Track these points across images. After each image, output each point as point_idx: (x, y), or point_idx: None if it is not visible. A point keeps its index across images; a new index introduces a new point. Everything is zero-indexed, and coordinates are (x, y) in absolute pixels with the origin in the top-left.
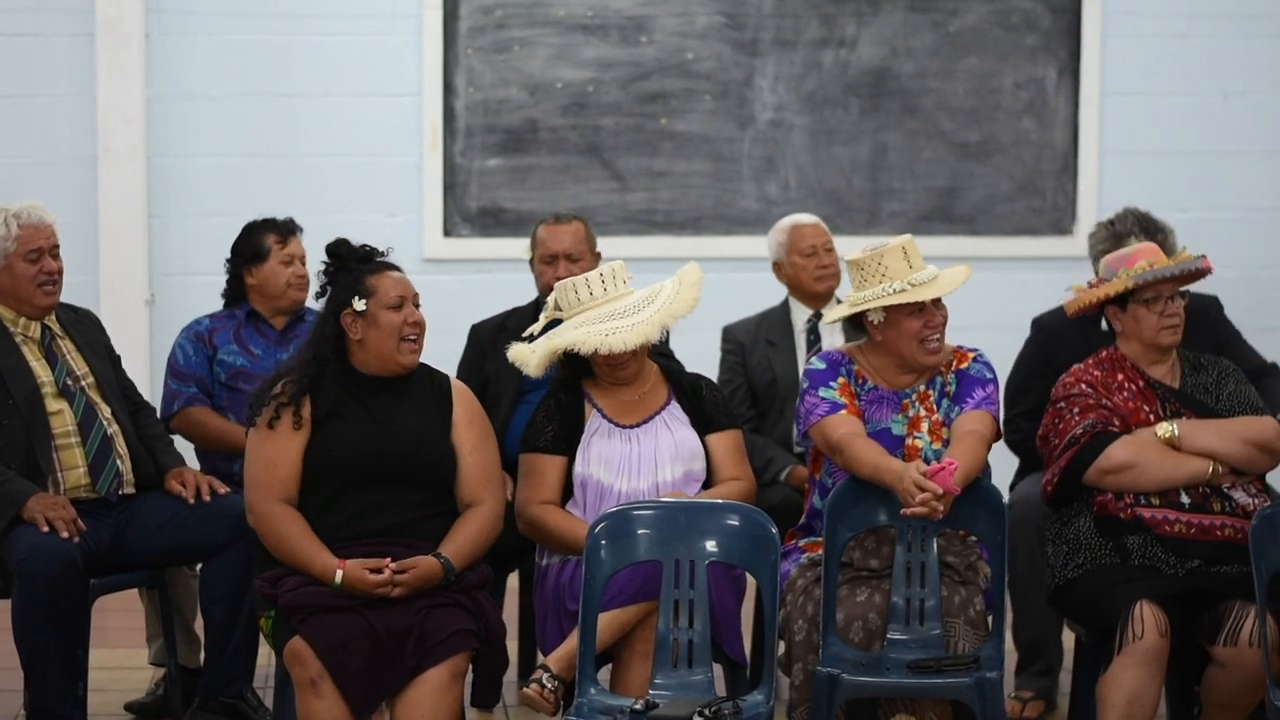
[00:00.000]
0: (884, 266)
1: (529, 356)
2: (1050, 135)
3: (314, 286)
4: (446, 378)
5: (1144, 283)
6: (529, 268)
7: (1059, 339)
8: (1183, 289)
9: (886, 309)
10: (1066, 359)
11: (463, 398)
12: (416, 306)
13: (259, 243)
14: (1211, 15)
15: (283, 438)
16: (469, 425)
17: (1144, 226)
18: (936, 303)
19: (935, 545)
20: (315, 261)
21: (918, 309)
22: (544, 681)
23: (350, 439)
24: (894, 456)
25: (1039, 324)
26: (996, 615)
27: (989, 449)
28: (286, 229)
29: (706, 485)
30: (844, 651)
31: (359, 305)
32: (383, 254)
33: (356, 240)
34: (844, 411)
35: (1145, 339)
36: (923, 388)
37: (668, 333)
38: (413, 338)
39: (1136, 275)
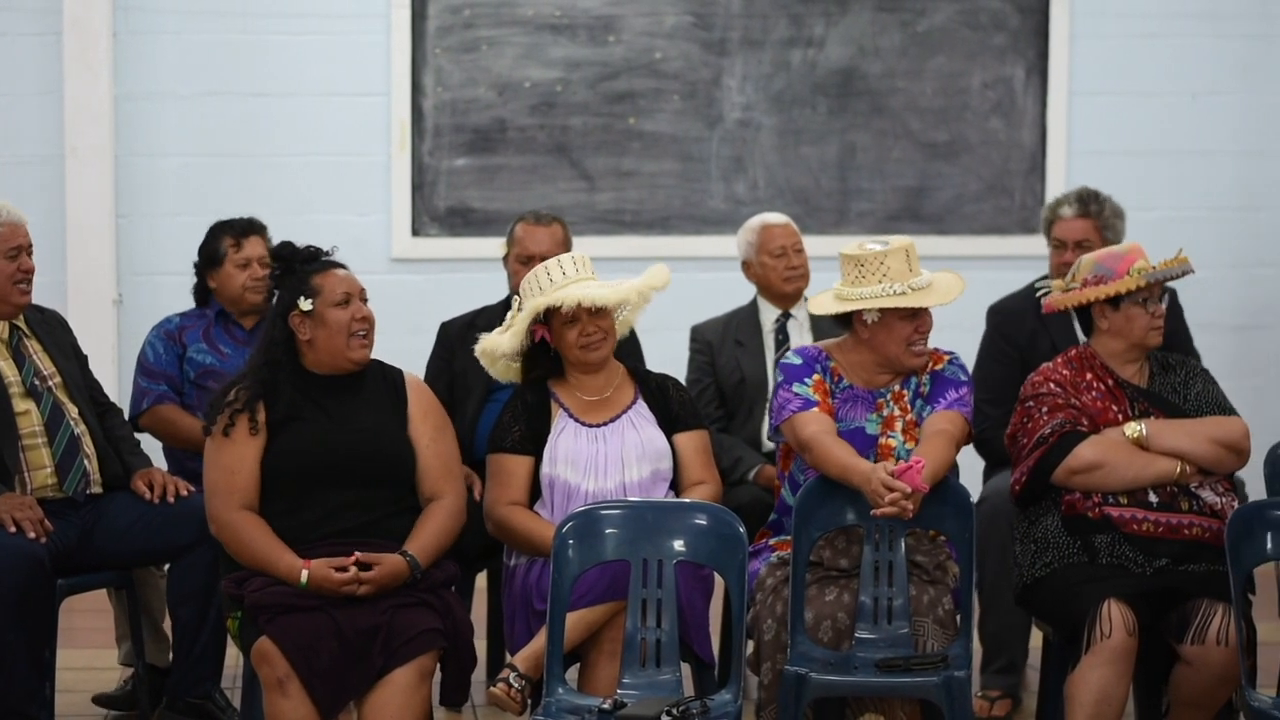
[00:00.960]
0: (886, 266)
1: (498, 341)
2: (1018, 135)
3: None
4: (399, 372)
5: (1152, 282)
6: (501, 264)
7: (1015, 318)
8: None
9: (881, 309)
10: (1025, 338)
11: (417, 391)
12: (364, 302)
13: (215, 247)
14: (1179, 15)
15: (238, 445)
16: (425, 419)
17: (1081, 197)
18: (927, 309)
19: (903, 544)
20: None
21: (911, 313)
22: (511, 681)
23: (308, 441)
24: (864, 457)
25: (994, 310)
26: (964, 614)
27: (958, 449)
28: (242, 231)
29: (674, 485)
30: (812, 650)
31: (305, 305)
32: (328, 253)
33: (324, 240)
34: (815, 409)
35: (1135, 338)
36: (897, 387)
37: (634, 336)
38: (362, 333)
39: (1148, 275)
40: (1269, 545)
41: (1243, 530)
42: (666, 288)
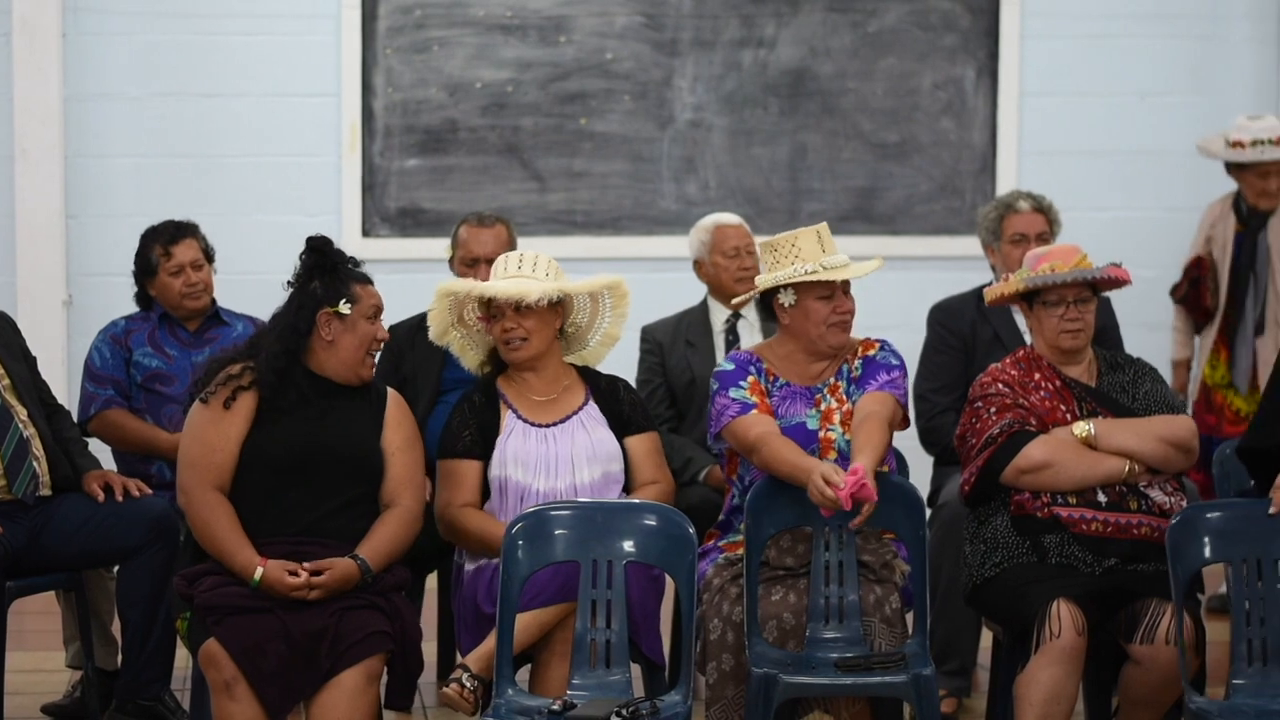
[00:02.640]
0: (797, 248)
1: (453, 287)
2: (969, 135)
3: (223, 281)
4: (385, 388)
5: (1034, 286)
6: (448, 267)
7: (955, 312)
8: (1100, 294)
9: (797, 292)
10: (967, 327)
11: (396, 404)
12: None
13: (147, 256)
14: (1129, 16)
15: (229, 424)
16: (397, 428)
17: (1029, 194)
18: (846, 291)
19: (854, 543)
20: (230, 261)
21: (827, 294)
22: (464, 681)
23: (289, 436)
24: (810, 454)
25: (935, 308)
26: (918, 612)
27: (892, 430)
28: (170, 238)
29: (625, 487)
30: (769, 651)
31: (344, 308)
32: (361, 265)
33: (273, 241)
34: (755, 411)
35: (1046, 340)
36: (833, 380)
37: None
38: (377, 352)
39: (1028, 278)
40: (1207, 550)
41: (1184, 533)
42: (588, 291)
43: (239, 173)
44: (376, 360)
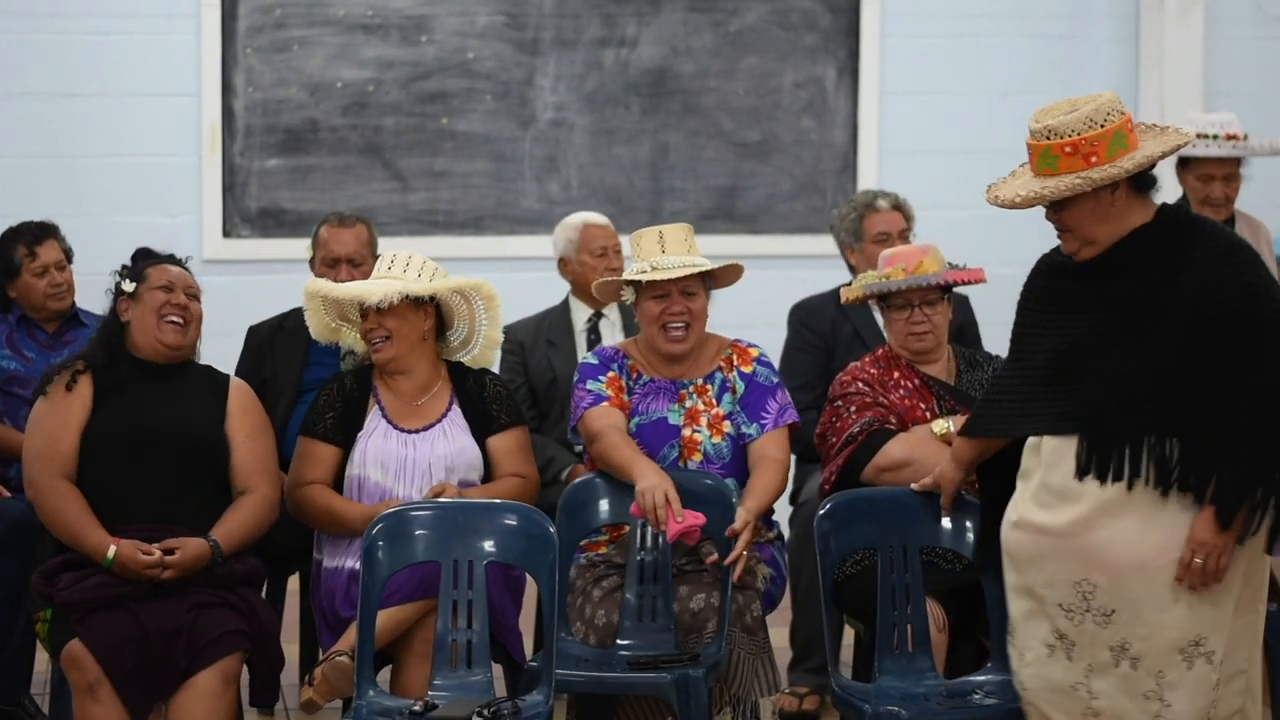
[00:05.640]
0: (640, 247)
1: (319, 289)
2: (830, 134)
3: (82, 283)
4: (227, 376)
5: (872, 294)
6: (308, 267)
7: (815, 311)
8: (954, 292)
9: (636, 291)
10: (827, 325)
11: (240, 391)
12: (193, 299)
13: (9, 256)
14: (990, 15)
15: (66, 412)
16: (243, 415)
17: (884, 194)
18: (685, 293)
19: (667, 544)
20: (90, 261)
21: (659, 294)
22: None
23: (126, 419)
24: (667, 446)
25: (795, 307)
26: (722, 614)
27: (788, 470)
28: (35, 237)
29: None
30: (571, 648)
31: (128, 287)
32: (180, 260)
33: (133, 242)
34: (606, 404)
35: (896, 341)
36: (700, 380)
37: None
38: (172, 318)
39: (865, 286)
40: (851, 538)
41: (829, 526)
42: (442, 292)
43: (97, 173)
44: (183, 328)
